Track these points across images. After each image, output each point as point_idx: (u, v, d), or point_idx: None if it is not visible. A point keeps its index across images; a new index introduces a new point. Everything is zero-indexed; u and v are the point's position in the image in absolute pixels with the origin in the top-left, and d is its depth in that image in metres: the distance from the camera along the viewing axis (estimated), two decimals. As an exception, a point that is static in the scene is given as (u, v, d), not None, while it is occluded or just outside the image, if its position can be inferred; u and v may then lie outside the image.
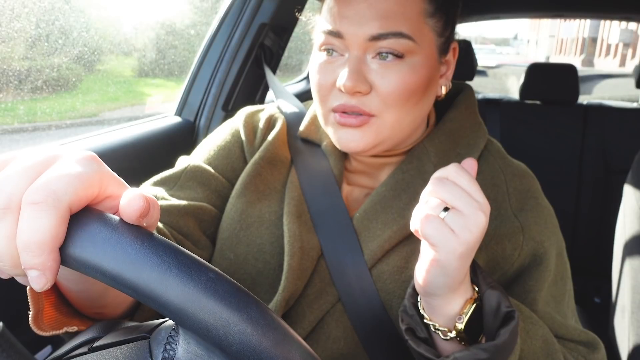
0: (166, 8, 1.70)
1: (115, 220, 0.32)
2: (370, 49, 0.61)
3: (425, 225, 0.48)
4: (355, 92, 0.61)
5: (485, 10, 2.26)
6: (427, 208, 0.49)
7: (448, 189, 0.48)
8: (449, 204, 0.48)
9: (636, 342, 0.99)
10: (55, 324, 0.42)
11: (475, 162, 0.53)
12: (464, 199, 0.48)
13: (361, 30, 0.60)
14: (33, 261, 0.31)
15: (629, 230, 1.08)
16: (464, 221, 0.47)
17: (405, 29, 0.60)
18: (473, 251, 0.49)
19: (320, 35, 0.64)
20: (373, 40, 0.60)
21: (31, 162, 0.33)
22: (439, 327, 0.52)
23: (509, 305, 0.51)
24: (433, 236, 0.47)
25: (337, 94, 0.63)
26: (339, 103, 0.63)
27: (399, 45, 0.60)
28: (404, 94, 0.62)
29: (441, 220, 0.48)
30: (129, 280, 0.30)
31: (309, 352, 0.32)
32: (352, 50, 0.62)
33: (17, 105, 1.16)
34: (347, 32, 0.61)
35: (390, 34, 0.60)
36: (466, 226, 0.47)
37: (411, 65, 0.62)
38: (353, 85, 0.60)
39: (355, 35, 0.61)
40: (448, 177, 0.50)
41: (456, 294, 0.51)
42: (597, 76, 10.77)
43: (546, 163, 2.09)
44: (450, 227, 0.47)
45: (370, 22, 0.60)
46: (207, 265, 0.32)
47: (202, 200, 0.71)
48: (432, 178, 0.51)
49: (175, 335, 0.34)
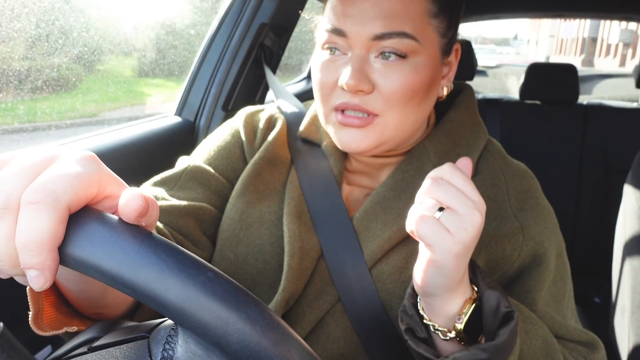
0: (166, 8, 1.70)
1: (114, 220, 0.32)
2: (374, 48, 0.61)
3: (421, 225, 0.48)
4: (357, 90, 0.61)
5: (485, 10, 2.26)
6: (422, 208, 0.49)
7: (443, 189, 0.48)
8: (443, 203, 0.48)
9: (636, 342, 0.99)
10: (55, 324, 0.42)
11: (470, 161, 0.53)
12: (459, 198, 0.48)
13: (364, 29, 0.60)
14: (32, 261, 0.31)
15: (629, 230, 1.08)
16: (459, 220, 0.47)
17: (408, 29, 0.60)
18: (470, 250, 0.49)
19: (323, 33, 0.64)
20: (376, 39, 0.60)
21: (30, 162, 0.33)
22: (439, 327, 0.52)
23: (508, 305, 0.51)
24: (428, 236, 0.47)
25: (339, 93, 0.63)
26: (341, 101, 0.63)
27: (403, 45, 0.60)
28: (407, 94, 0.62)
29: (436, 220, 0.48)
30: (128, 279, 0.30)
31: (308, 351, 0.32)
32: (355, 49, 0.62)
33: (17, 105, 1.16)
34: (351, 30, 0.61)
35: (394, 33, 0.60)
36: (462, 225, 0.47)
37: (414, 66, 0.61)
38: (356, 84, 0.60)
39: (359, 34, 0.61)
40: (443, 177, 0.50)
41: (455, 294, 0.51)
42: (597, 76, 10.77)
43: (546, 163, 2.09)
44: (446, 227, 0.47)
45: (373, 22, 0.60)
46: (206, 264, 0.32)
47: (202, 200, 0.71)
48: (426, 178, 0.51)
49: (174, 334, 0.34)
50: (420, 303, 0.54)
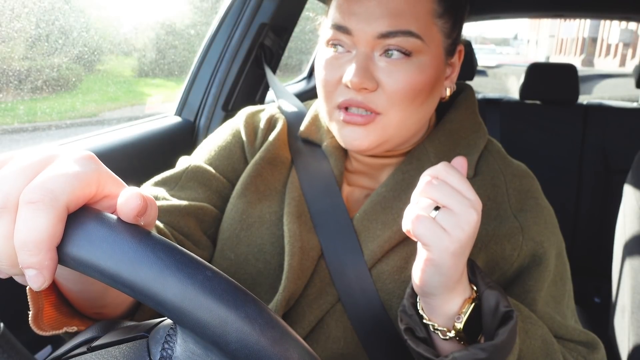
0: (166, 8, 1.70)
1: (113, 219, 0.32)
2: (378, 46, 0.61)
3: (417, 225, 0.48)
4: (361, 88, 0.61)
5: (485, 10, 2.26)
6: (418, 208, 0.49)
7: (438, 188, 0.48)
8: (439, 202, 0.48)
9: (636, 342, 0.99)
10: (55, 324, 0.42)
11: (465, 160, 0.53)
12: (454, 197, 0.48)
13: (370, 27, 0.60)
14: (30, 260, 0.31)
15: (629, 230, 1.08)
16: (456, 219, 0.47)
17: (414, 28, 0.60)
18: (467, 249, 0.49)
19: (328, 30, 0.64)
20: (381, 37, 0.60)
21: (28, 161, 0.33)
22: (438, 327, 0.52)
23: (508, 305, 0.51)
24: (425, 235, 0.47)
25: (343, 90, 0.63)
26: (345, 99, 0.63)
27: (407, 43, 0.60)
28: (410, 93, 0.62)
29: (432, 219, 0.48)
30: (126, 278, 0.30)
31: (308, 350, 0.32)
32: (359, 47, 0.62)
33: (17, 105, 1.16)
34: (356, 28, 0.61)
35: (399, 32, 0.60)
36: (458, 224, 0.47)
37: (418, 65, 0.61)
38: (360, 81, 0.60)
39: (364, 32, 0.61)
40: (438, 176, 0.50)
41: (454, 293, 0.51)
42: (597, 76, 10.76)
43: (546, 163, 2.09)
44: (442, 226, 0.47)
45: (379, 20, 0.60)
46: (205, 263, 0.32)
47: (203, 200, 0.71)
48: (421, 177, 0.51)
49: (173, 334, 0.34)
50: (420, 303, 0.54)
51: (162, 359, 0.33)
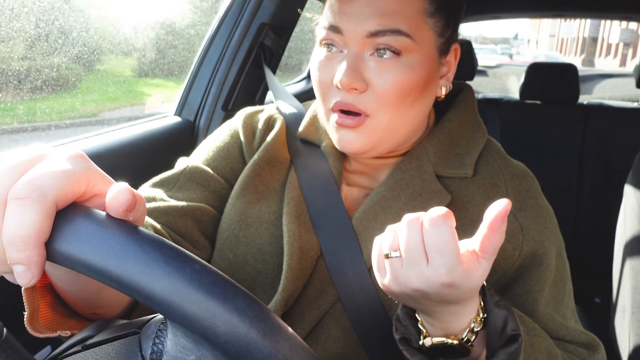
0: (166, 8, 1.70)
1: (101, 215, 0.32)
2: (369, 45, 0.61)
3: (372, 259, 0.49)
4: (351, 88, 0.61)
5: (485, 10, 2.26)
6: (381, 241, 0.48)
7: (404, 231, 0.45)
8: (397, 246, 0.46)
9: (636, 342, 0.99)
10: (51, 325, 0.42)
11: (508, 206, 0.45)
12: (413, 248, 0.45)
13: (360, 26, 0.61)
14: (18, 256, 0.30)
15: (629, 230, 1.08)
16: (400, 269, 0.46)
17: (403, 27, 0.60)
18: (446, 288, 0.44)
19: (321, 30, 0.65)
20: (371, 36, 0.60)
21: (17, 160, 0.33)
22: (436, 342, 0.51)
23: (516, 328, 0.49)
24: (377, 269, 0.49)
25: (335, 91, 0.64)
26: (336, 100, 0.63)
27: (397, 42, 0.60)
28: (400, 93, 0.62)
29: (383, 257, 0.47)
30: (113, 273, 0.30)
31: (299, 342, 0.32)
32: (350, 46, 0.62)
33: (17, 105, 1.16)
34: (347, 28, 0.61)
35: (389, 30, 0.60)
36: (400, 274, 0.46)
37: (408, 64, 0.62)
38: (349, 81, 0.60)
39: (354, 31, 0.61)
40: (419, 219, 0.46)
41: (454, 315, 0.49)
42: (598, 76, 10.74)
43: (546, 163, 2.09)
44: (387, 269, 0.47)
45: (369, 19, 0.60)
46: (193, 257, 0.32)
47: (201, 201, 0.71)
48: (404, 217, 0.47)
49: (163, 329, 0.34)
50: (419, 316, 0.53)
51: (154, 354, 0.33)
